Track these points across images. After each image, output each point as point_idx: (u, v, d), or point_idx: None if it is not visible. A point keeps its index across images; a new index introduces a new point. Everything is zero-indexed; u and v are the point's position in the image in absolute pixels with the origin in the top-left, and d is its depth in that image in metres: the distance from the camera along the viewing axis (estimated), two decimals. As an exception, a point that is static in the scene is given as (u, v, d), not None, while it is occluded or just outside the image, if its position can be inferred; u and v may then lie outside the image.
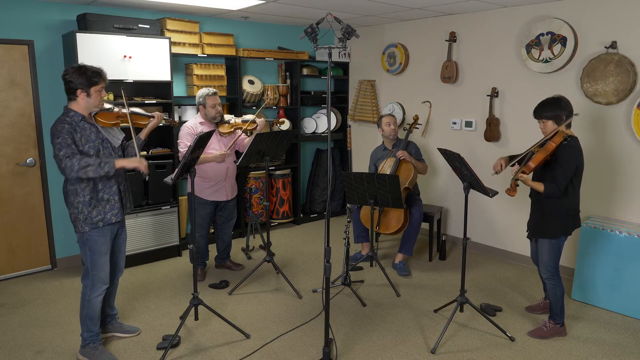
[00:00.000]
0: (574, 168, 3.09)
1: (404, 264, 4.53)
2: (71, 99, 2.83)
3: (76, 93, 2.80)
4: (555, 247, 3.25)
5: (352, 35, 2.74)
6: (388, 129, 4.59)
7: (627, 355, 3.16)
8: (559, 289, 3.29)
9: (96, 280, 2.97)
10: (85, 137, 2.82)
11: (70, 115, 2.81)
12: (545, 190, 3.11)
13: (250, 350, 3.19)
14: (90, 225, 2.87)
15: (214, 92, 4.04)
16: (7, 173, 4.30)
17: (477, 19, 4.87)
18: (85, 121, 2.86)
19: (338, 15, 5.12)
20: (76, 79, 2.78)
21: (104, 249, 2.96)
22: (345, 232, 3.74)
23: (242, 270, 4.55)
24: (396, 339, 3.35)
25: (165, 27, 4.76)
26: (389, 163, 4.50)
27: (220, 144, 4.15)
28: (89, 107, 2.86)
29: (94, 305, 2.99)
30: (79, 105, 2.83)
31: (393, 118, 4.66)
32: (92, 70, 2.82)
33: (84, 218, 2.86)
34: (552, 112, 3.15)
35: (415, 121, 4.70)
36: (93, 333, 3.04)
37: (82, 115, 2.84)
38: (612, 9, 3.94)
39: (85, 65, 2.84)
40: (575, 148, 3.10)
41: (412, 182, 4.42)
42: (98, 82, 2.83)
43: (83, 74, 2.78)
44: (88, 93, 2.81)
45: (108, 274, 3.03)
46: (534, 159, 3.09)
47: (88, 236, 2.90)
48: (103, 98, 2.91)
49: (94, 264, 2.95)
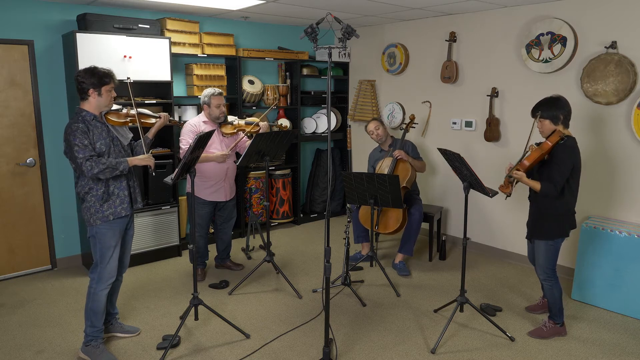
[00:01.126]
0: (570, 167, 3.08)
1: (404, 264, 4.53)
2: (83, 98, 2.98)
3: (88, 92, 2.94)
4: (551, 249, 3.24)
5: (352, 35, 2.74)
6: (374, 137, 4.63)
7: (627, 355, 3.16)
8: (556, 290, 3.29)
9: (104, 274, 3.05)
10: (97, 134, 2.96)
11: (82, 115, 2.95)
12: (541, 189, 3.11)
13: (250, 350, 3.19)
14: (101, 219, 2.99)
15: (219, 93, 4.06)
16: (7, 173, 4.30)
17: (477, 19, 4.87)
18: (96, 120, 3.00)
19: (338, 15, 5.12)
20: (88, 79, 2.93)
21: (113, 242, 3.06)
22: (345, 232, 3.74)
23: (242, 270, 4.55)
24: (396, 339, 3.35)
25: (165, 27, 4.76)
26: (386, 163, 4.51)
27: (222, 145, 4.15)
28: (100, 106, 3.00)
29: (100, 299, 3.06)
30: (91, 104, 2.97)
31: (376, 123, 4.64)
32: (103, 71, 2.98)
33: (96, 211, 2.99)
34: (549, 111, 3.14)
35: (411, 120, 4.70)
36: (96, 329, 3.08)
37: (93, 114, 2.98)
38: (612, 9, 3.94)
39: (96, 67, 3.00)
40: (572, 148, 3.09)
41: (410, 181, 4.42)
42: (109, 82, 2.99)
43: (95, 75, 2.94)
44: (99, 92, 2.96)
45: (116, 268, 3.12)
46: (529, 157, 3.10)
47: (97, 229, 3.01)
48: (113, 98, 3.05)
49: (102, 257, 3.05)
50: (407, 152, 4.50)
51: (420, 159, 4.59)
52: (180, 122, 3.45)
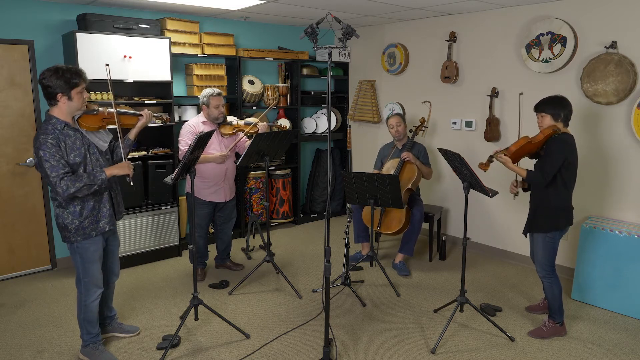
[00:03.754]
0: (562, 160, 3.13)
1: (404, 264, 4.53)
2: (52, 104, 2.66)
3: (57, 98, 2.63)
4: (549, 244, 3.26)
5: (352, 35, 2.74)
6: (392, 131, 4.57)
7: (627, 355, 3.17)
8: (556, 287, 3.30)
9: (89, 286, 2.92)
10: (70, 145, 2.66)
11: (52, 123, 2.64)
12: (527, 176, 3.20)
13: (250, 350, 3.19)
14: (82, 236, 2.78)
15: (218, 93, 4.05)
16: (7, 173, 4.30)
17: (477, 19, 4.87)
18: (69, 127, 2.69)
19: (338, 15, 5.12)
20: (54, 82, 2.59)
21: (96, 257, 2.89)
22: (345, 232, 3.74)
23: (242, 270, 4.55)
24: (396, 339, 3.35)
25: (165, 27, 4.76)
26: (392, 163, 4.49)
27: (221, 145, 4.15)
28: (72, 111, 2.70)
29: (91, 309, 2.97)
30: (61, 110, 2.66)
31: (398, 118, 4.56)
32: (70, 71, 2.63)
33: (75, 229, 2.75)
34: (553, 109, 3.23)
35: (421, 123, 4.68)
36: (92, 334, 3.04)
37: (64, 122, 2.68)
38: (612, 9, 3.94)
39: (62, 66, 2.65)
40: (566, 142, 3.16)
41: (415, 184, 4.41)
42: (78, 83, 2.65)
43: (61, 76, 2.60)
44: (69, 96, 2.64)
45: (101, 279, 2.98)
46: (516, 143, 3.22)
47: (79, 244, 2.81)
48: (85, 99, 2.74)
49: (85, 272, 2.88)
50: (418, 157, 4.49)
51: (429, 165, 4.56)
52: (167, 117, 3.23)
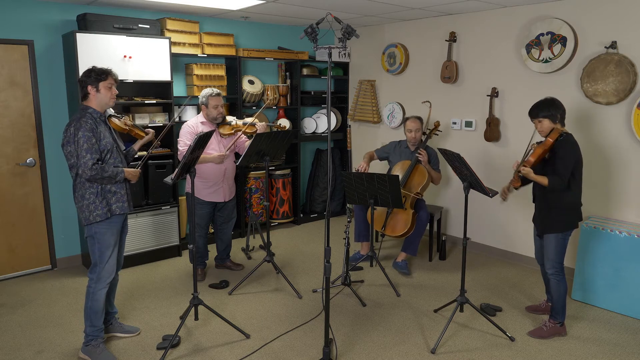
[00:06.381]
0: (574, 160, 3.17)
1: (406, 263, 4.53)
2: (84, 98, 3.01)
3: (87, 89, 2.98)
4: (562, 242, 3.30)
5: (352, 35, 2.74)
6: (410, 136, 4.48)
7: (627, 355, 3.17)
8: (562, 286, 3.31)
9: (103, 273, 3.05)
10: (103, 132, 2.99)
11: (89, 112, 2.96)
12: (549, 183, 3.19)
13: (250, 350, 3.19)
14: (100, 216, 2.98)
15: (217, 93, 4.05)
16: (7, 173, 4.30)
17: (477, 19, 4.87)
18: (101, 119, 3.04)
19: (338, 15, 5.12)
20: (86, 77, 2.98)
21: (112, 241, 3.06)
22: (345, 232, 3.73)
23: (242, 270, 4.55)
24: (396, 339, 3.35)
25: (165, 27, 4.76)
26: (403, 165, 4.47)
27: (220, 145, 4.15)
28: (102, 103, 3.01)
29: (99, 298, 3.06)
30: (91, 102, 3.00)
31: (418, 124, 4.44)
32: (100, 69, 3.01)
33: (95, 208, 2.98)
34: (548, 111, 3.26)
35: (435, 127, 4.65)
36: (96, 328, 3.08)
37: (99, 112, 3.02)
38: (612, 9, 3.94)
39: (94, 66, 3.04)
40: (572, 142, 3.21)
41: (424, 188, 4.40)
42: (105, 78, 3.00)
43: (91, 72, 2.99)
44: (97, 88, 2.97)
45: (115, 267, 3.13)
46: (533, 154, 3.23)
47: (97, 229, 3.00)
48: (114, 95, 3.05)
49: (102, 257, 3.04)
50: (429, 160, 4.47)
51: (438, 170, 4.54)
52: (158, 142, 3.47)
